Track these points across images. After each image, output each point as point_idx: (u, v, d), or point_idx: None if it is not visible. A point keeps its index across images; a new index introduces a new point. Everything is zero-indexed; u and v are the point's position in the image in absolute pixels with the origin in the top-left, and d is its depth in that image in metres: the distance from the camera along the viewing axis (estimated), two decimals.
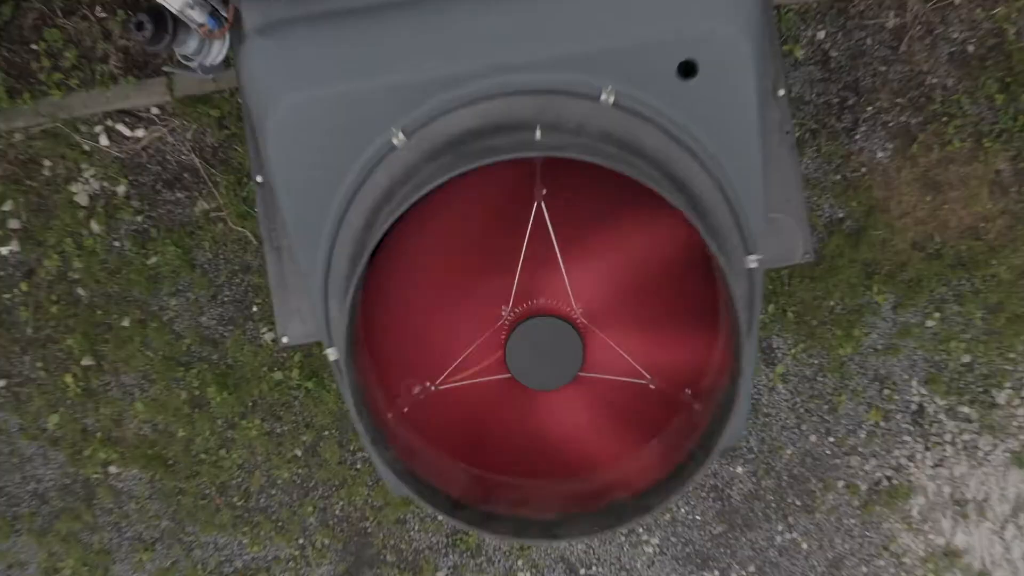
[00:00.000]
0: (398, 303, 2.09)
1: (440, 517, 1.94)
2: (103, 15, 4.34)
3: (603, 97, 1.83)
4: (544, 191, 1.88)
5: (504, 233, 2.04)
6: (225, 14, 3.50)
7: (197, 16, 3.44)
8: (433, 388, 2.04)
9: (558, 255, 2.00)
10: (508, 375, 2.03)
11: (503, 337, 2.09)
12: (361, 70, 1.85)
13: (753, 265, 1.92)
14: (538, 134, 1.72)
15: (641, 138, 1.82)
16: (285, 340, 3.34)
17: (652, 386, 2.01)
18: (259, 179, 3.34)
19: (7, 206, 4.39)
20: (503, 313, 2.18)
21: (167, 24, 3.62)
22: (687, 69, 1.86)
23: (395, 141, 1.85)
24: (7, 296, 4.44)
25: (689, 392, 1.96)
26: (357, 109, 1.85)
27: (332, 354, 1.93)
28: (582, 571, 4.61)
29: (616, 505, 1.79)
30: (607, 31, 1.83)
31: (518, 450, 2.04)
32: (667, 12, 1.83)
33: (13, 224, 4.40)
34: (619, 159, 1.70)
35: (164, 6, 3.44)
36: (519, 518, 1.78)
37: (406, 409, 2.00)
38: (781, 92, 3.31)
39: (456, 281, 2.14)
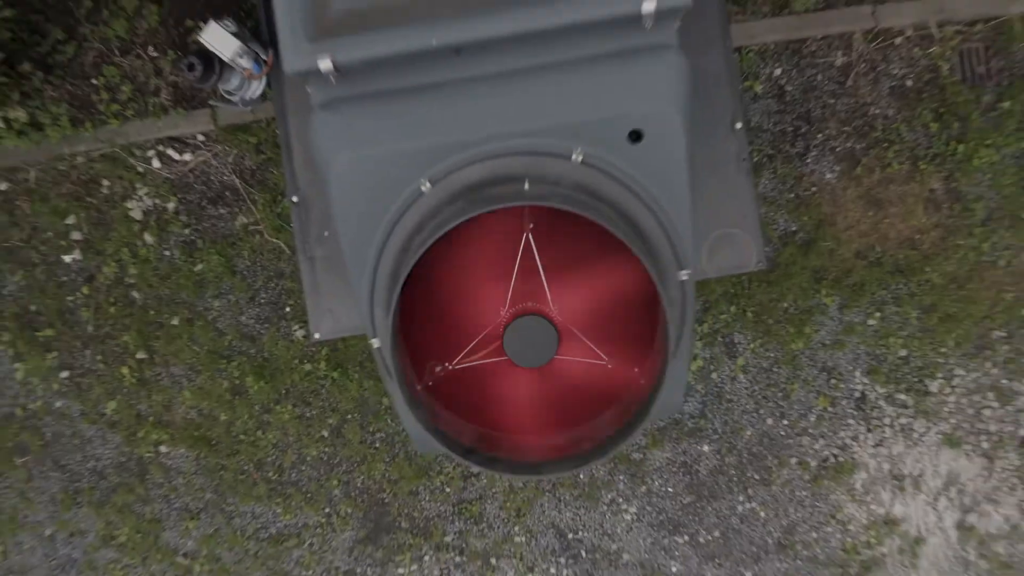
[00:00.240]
0: (425, 305, 2.64)
1: (456, 460, 2.51)
2: (155, 54, 4.85)
3: (574, 157, 2.41)
4: (531, 225, 2.49)
5: (502, 254, 2.62)
6: (265, 58, 4.10)
7: (244, 63, 4.05)
8: (450, 367, 2.60)
9: (540, 270, 2.62)
10: (505, 358, 2.64)
11: (501, 330, 2.71)
12: (399, 135, 2.44)
13: (684, 278, 2.55)
14: (527, 185, 2.35)
15: (602, 188, 2.42)
16: (317, 336, 3.92)
17: (609, 366, 2.60)
18: (295, 199, 3.94)
19: (70, 220, 4.90)
20: (501, 312, 2.74)
21: (214, 65, 4.22)
22: (635, 136, 2.45)
23: (423, 188, 2.43)
24: (70, 298, 4.95)
25: (637, 370, 2.59)
26: (396, 164, 2.44)
27: (375, 343, 2.56)
28: (570, 536, 5.10)
29: (582, 451, 2.42)
30: (576, 108, 2.41)
31: (511, 411, 2.60)
32: (620, 95, 2.43)
33: (76, 236, 4.91)
34: (586, 205, 2.31)
35: (216, 54, 4.05)
36: (513, 461, 2.38)
37: (431, 383, 2.57)
38: (739, 125, 3.91)
39: (467, 289, 2.70)
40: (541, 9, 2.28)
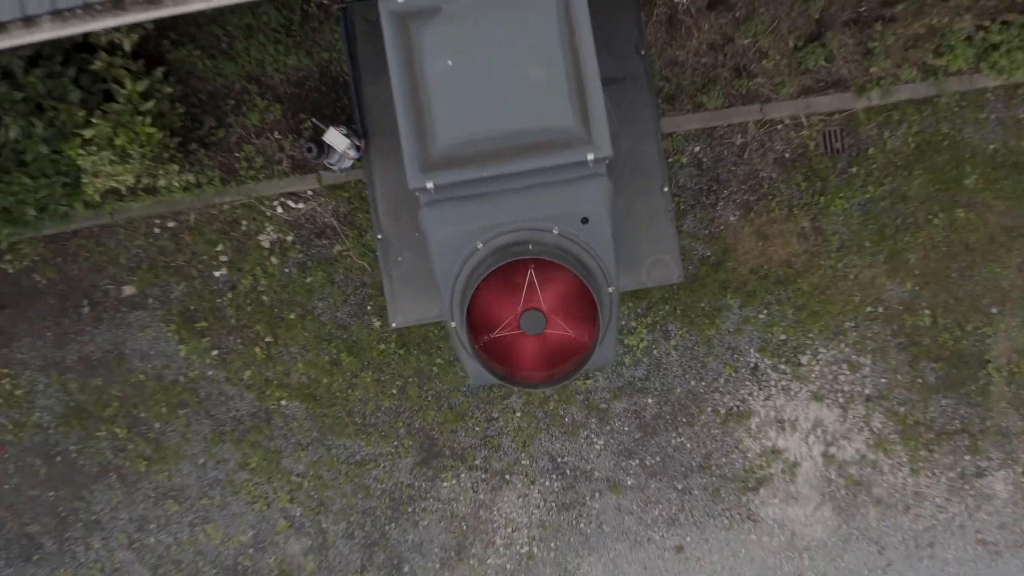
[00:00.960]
0: (480, 304, 4.62)
1: (497, 382, 4.62)
2: (279, 137, 6.93)
3: (554, 231, 4.64)
4: (532, 266, 4.79)
5: (518, 280, 4.63)
6: (359, 144, 6.40)
7: (351, 152, 6.36)
8: (493, 336, 4.79)
9: (537, 288, 4.94)
10: (520, 331, 4.97)
11: (518, 317, 4.99)
12: (466, 220, 4.47)
13: (610, 291, 4.87)
14: (530, 247, 4.68)
15: (569, 247, 4.61)
16: (394, 325, 6.11)
17: (572, 336, 4.90)
18: (380, 236, 6.22)
19: (219, 247, 6.96)
20: (517, 309, 4.75)
21: (324, 147, 6.53)
22: (585, 220, 4.65)
23: (478, 247, 4.56)
24: (219, 300, 6.99)
25: (587, 338, 4.89)
26: (464, 235, 4.49)
27: (453, 324, 4.91)
28: (559, 460, 6.95)
29: (556, 378, 4.72)
30: (555, 207, 4.44)
31: (522, 360, 4.80)
32: (577, 201, 4.54)
33: (223, 258, 6.96)
34: (559, 256, 4.56)
35: (331, 145, 6.35)
36: (523, 382, 4.72)
37: (481, 345, 4.81)
38: (666, 189, 6.15)
39: (500, 296, 4.71)
40: (538, 157, 4.57)
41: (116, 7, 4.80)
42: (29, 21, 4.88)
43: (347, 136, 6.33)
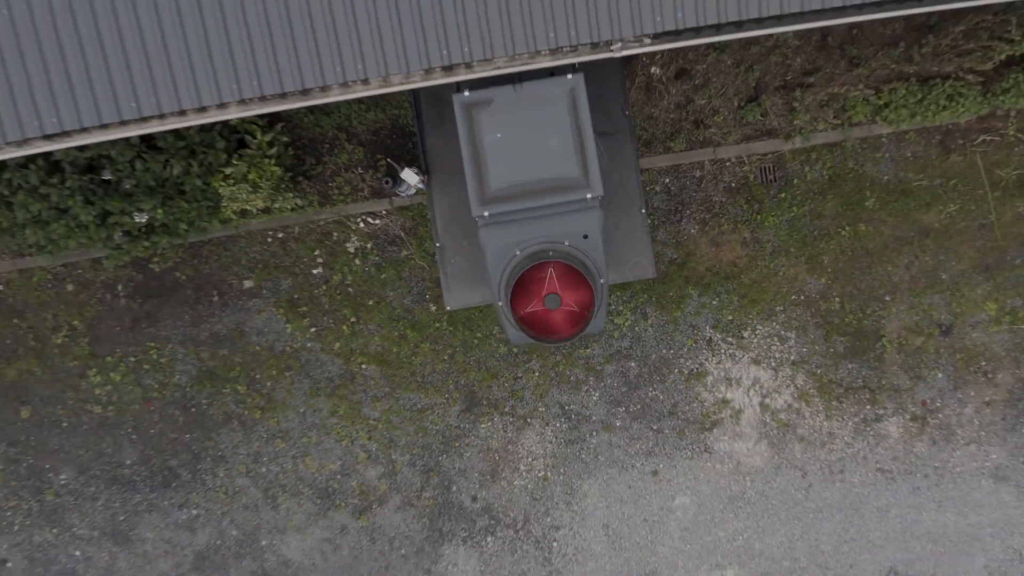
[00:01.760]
0: (517, 291, 7.19)
1: (532, 342, 7.18)
2: (361, 171, 9.36)
3: (566, 243, 7.05)
4: (552, 265, 7.27)
5: (542, 275, 7.08)
6: (424, 179, 8.93)
7: (419, 184, 8.91)
8: (526, 311, 7.16)
9: (555, 280, 7.49)
10: (544, 308, 7.47)
11: (543, 298, 7.45)
12: (509, 236, 6.88)
13: (602, 282, 7.39)
14: (551, 254, 7.22)
15: (575, 253, 6.91)
16: (448, 308, 8.51)
17: (577, 310, 7.40)
18: (438, 244, 8.74)
19: (316, 252, 9.08)
20: (542, 293, 7.24)
21: (398, 180, 9.07)
22: (585, 236, 7.25)
23: (517, 253, 6.98)
24: (316, 291, 8.97)
25: (587, 312, 7.39)
26: (507, 246, 6.87)
27: (500, 304, 7.43)
28: (566, 408, 8.84)
29: (567, 338, 7.23)
30: (566, 228, 6.75)
31: (545, 327, 7.29)
32: (580, 224, 6.90)
33: (319, 260, 8.97)
34: (568, 259, 7.15)
35: (405, 180, 8.92)
36: (547, 340, 7.21)
37: (519, 317, 7.29)
38: (643, 210, 8.64)
39: (531, 285, 6.94)
40: (555, 196, 6.99)
41: (281, 98, 7.26)
42: (222, 106, 7.35)
43: (416, 173, 8.81)
